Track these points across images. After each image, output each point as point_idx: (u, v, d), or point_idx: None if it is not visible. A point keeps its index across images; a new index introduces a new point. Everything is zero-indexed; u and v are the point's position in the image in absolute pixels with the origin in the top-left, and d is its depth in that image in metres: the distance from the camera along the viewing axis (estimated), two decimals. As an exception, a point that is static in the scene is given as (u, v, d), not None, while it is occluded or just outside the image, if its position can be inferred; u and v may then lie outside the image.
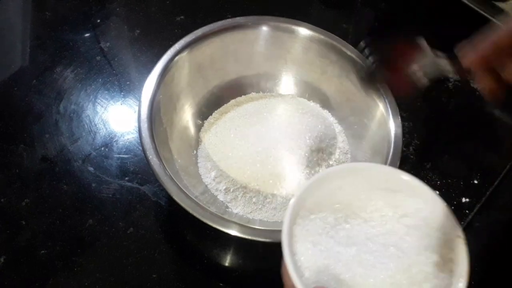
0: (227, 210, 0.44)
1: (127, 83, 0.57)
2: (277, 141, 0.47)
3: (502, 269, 0.46)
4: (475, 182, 0.51)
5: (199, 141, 0.49)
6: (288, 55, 0.52)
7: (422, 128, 0.55)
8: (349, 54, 0.49)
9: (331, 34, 0.50)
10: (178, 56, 0.46)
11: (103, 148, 0.50)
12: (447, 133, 0.56)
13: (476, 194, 0.50)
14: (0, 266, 0.42)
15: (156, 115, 0.42)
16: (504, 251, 0.48)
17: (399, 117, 0.44)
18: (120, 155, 0.50)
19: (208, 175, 0.46)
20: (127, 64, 0.59)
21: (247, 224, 0.37)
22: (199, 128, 0.50)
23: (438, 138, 0.56)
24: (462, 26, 0.68)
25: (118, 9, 0.65)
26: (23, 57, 0.59)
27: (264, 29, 0.50)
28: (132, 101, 0.55)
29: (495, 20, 0.65)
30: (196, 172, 0.46)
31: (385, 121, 0.45)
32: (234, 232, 0.36)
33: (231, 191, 0.44)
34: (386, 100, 0.45)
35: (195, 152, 0.48)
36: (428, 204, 0.28)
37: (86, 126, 0.52)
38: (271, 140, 0.47)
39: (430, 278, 0.26)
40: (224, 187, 0.44)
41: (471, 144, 0.55)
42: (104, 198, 0.47)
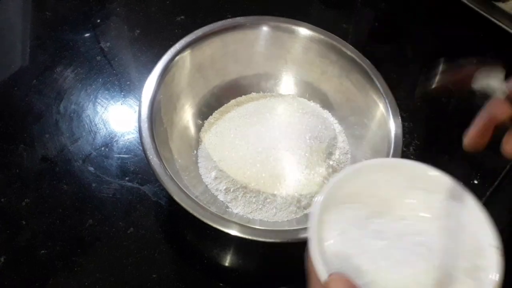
0: (227, 210, 0.44)
1: (127, 83, 0.57)
2: (277, 141, 0.47)
3: (502, 269, 0.46)
4: (475, 182, 0.51)
5: (199, 141, 0.49)
6: (288, 55, 0.52)
7: (422, 128, 0.55)
8: (349, 54, 0.49)
9: (331, 34, 0.50)
10: (179, 56, 0.46)
11: (103, 148, 0.50)
12: (447, 133, 0.56)
13: (476, 194, 0.49)
14: (0, 266, 0.42)
15: (156, 115, 0.42)
16: (504, 251, 0.48)
17: (399, 117, 0.44)
18: (121, 155, 0.50)
19: (208, 175, 0.46)
20: (127, 64, 0.59)
21: (247, 224, 0.37)
22: (199, 128, 0.50)
23: (438, 138, 0.56)
24: (462, 26, 0.69)
25: (118, 9, 0.66)
26: (23, 57, 0.59)
27: (264, 29, 0.50)
28: (132, 101, 0.55)
29: (495, 20, 0.65)
30: (196, 172, 0.46)
31: (385, 121, 0.45)
32: (234, 232, 0.36)
33: (231, 191, 0.44)
34: (386, 100, 0.45)
35: (195, 152, 0.48)
36: (465, 210, 0.28)
37: (86, 126, 0.52)
38: (271, 140, 0.47)
39: (456, 283, 0.25)
40: (224, 187, 0.44)
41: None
42: (104, 198, 0.47)
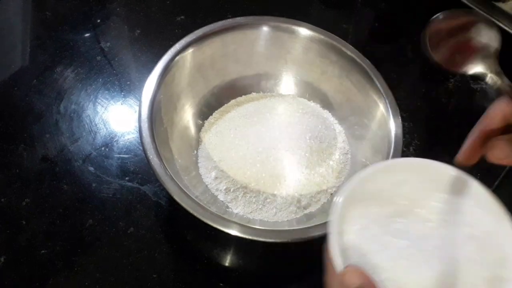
0: (228, 210, 0.44)
1: (128, 83, 0.57)
2: (277, 141, 0.47)
3: None
4: (475, 182, 0.51)
5: (199, 141, 0.49)
6: (288, 55, 0.52)
7: (422, 128, 0.55)
8: (349, 54, 0.49)
9: (331, 34, 0.50)
10: (179, 56, 0.46)
11: (103, 148, 0.50)
12: (447, 133, 0.56)
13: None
14: (0, 266, 0.42)
15: (156, 115, 0.42)
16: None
17: (400, 117, 0.44)
18: (121, 155, 0.50)
19: (208, 175, 0.46)
20: (127, 64, 0.59)
21: (247, 224, 0.37)
22: (199, 128, 0.50)
23: (438, 138, 0.56)
24: (462, 26, 0.69)
25: (118, 9, 0.66)
26: (23, 57, 0.59)
27: (265, 29, 0.50)
28: (132, 101, 0.55)
29: (495, 20, 0.65)
30: (197, 172, 0.46)
31: (385, 121, 0.45)
32: (234, 232, 0.36)
33: (232, 191, 0.44)
34: (387, 100, 0.45)
35: (195, 152, 0.48)
36: (493, 219, 0.27)
37: (87, 126, 0.52)
38: (271, 140, 0.47)
39: None
40: (224, 187, 0.44)
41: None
42: (104, 198, 0.47)
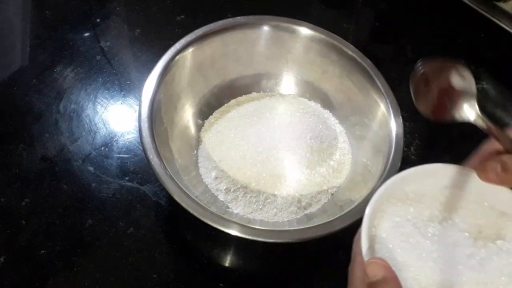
0: (228, 210, 0.43)
1: (127, 82, 0.57)
2: (277, 141, 0.47)
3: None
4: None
5: (199, 141, 0.49)
6: (289, 54, 0.52)
7: (423, 128, 0.55)
8: (350, 53, 0.48)
9: (332, 34, 0.50)
10: (179, 55, 0.46)
11: (103, 148, 0.50)
12: (448, 133, 0.56)
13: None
14: (0, 265, 0.42)
15: (156, 114, 0.42)
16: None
17: (400, 117, 0.44)
18: (120, 155, 0.50)
19: (208, 175, 0.45)
20: (127, 64, 0.59)
21: (247, 224, 0.37)
22: (199, 127, 0.49)
23: (439, 138, 0.56)
24: (462, 26, 0.69)
25: (118, 8, 0.65)
26: (23, 56, 0.59)
27: (265, 28, 0.50)
28: (132, 100, 0.55)
29: (495, 20, 0.65)
30: (197, 172, 0.46)
31: (386, 121, 0.44)
32: (234, 232, 0.36)
33: (232, 191, 0.44)
34: (387, 100, 0.45)
35: (195, 152, 0.48)
36: None
37: (86, 126, 0.52)
38: (271, 140, 0.47)
39: None
40: (224, 187, 0.44)
41: (471, 145, 0.55)
42: (104, 198, 0.46)
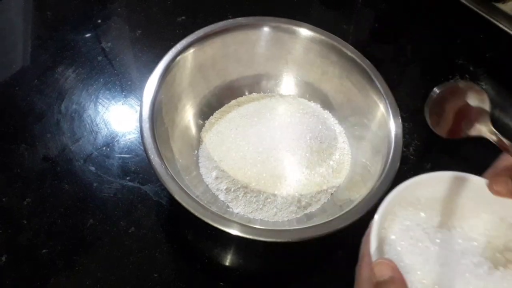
0: (228, 210, 0.44)
1: (129, 83, 0.57)
2: (278, 141, 0.47)
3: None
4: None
5: (200, 141, 0.49)
6: (289, 55, 0.52)
7: (422, 129, 0.55)
8: (349, 54, 0.49)
9: (332, 35, 0.50)
10: (180, 56, 0.46)
11: (104, 148, 0.51)
12: (447, 133, 0.56)
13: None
14: (1, 265, 0.42)
15: (157, 115, 0.43)
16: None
17: (400, 117, 0.44)
18: (122, 155, 0.50)
19: (209, 175, 0.46)
20: (128, 64, 0.59)
21: (248, 224, 0.37)
22: (200, 128, 0.50)
23: (438, 139, 0.56)
24: (462, 26, 0.69)
25: (119, 9, 0.66)
26: (25, 57, 0.59)
27: (265, 29, 0.50)
28: (133, 101, 0.55)
29: (495, 21, 0.66)
30: (197, 172, 0.46)
31: (385, 121, 0.45)
32: (235, 231, 0.36)
33: (232, 191, 0.44)
34: (387, 101, 0.45)
35: (196, 152, 0.48)
36: None
37: (88, 126, 0.52)
38: (272, 141, 0.47)
39: None
40: (225, 187, 0.45)
41: (471, 145, 0.55)
42: (105, 198, 0.47)
